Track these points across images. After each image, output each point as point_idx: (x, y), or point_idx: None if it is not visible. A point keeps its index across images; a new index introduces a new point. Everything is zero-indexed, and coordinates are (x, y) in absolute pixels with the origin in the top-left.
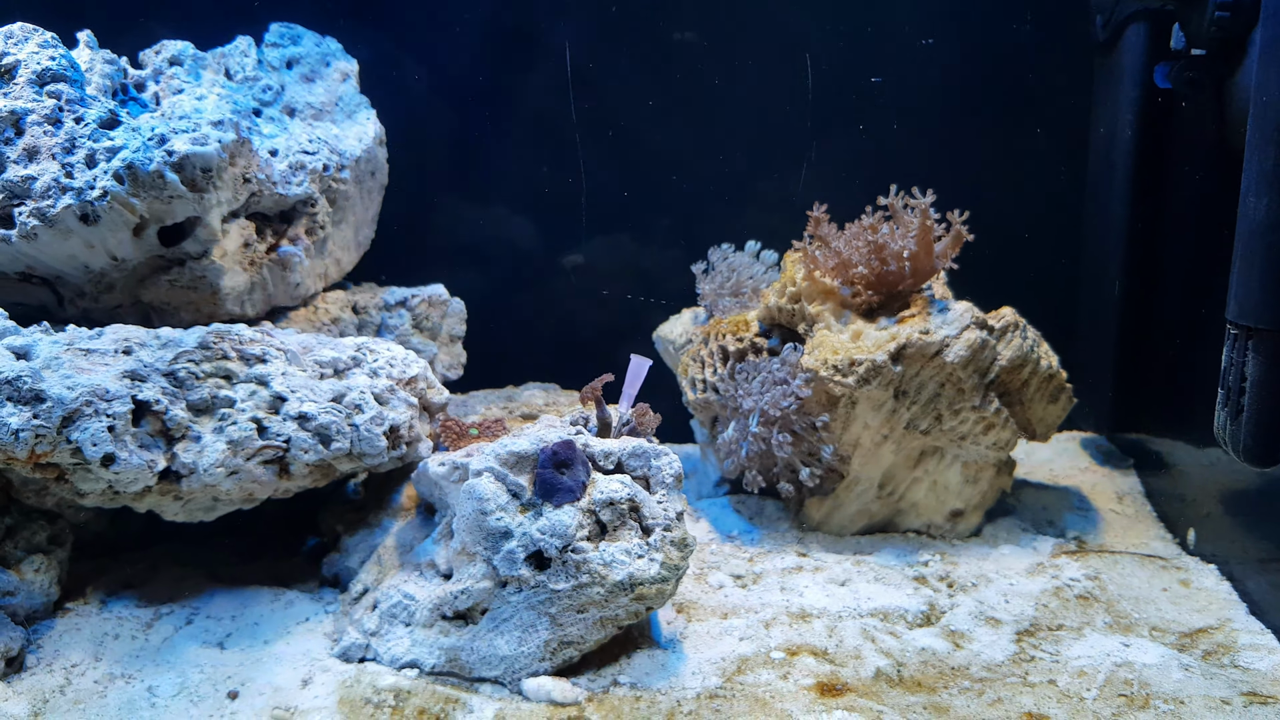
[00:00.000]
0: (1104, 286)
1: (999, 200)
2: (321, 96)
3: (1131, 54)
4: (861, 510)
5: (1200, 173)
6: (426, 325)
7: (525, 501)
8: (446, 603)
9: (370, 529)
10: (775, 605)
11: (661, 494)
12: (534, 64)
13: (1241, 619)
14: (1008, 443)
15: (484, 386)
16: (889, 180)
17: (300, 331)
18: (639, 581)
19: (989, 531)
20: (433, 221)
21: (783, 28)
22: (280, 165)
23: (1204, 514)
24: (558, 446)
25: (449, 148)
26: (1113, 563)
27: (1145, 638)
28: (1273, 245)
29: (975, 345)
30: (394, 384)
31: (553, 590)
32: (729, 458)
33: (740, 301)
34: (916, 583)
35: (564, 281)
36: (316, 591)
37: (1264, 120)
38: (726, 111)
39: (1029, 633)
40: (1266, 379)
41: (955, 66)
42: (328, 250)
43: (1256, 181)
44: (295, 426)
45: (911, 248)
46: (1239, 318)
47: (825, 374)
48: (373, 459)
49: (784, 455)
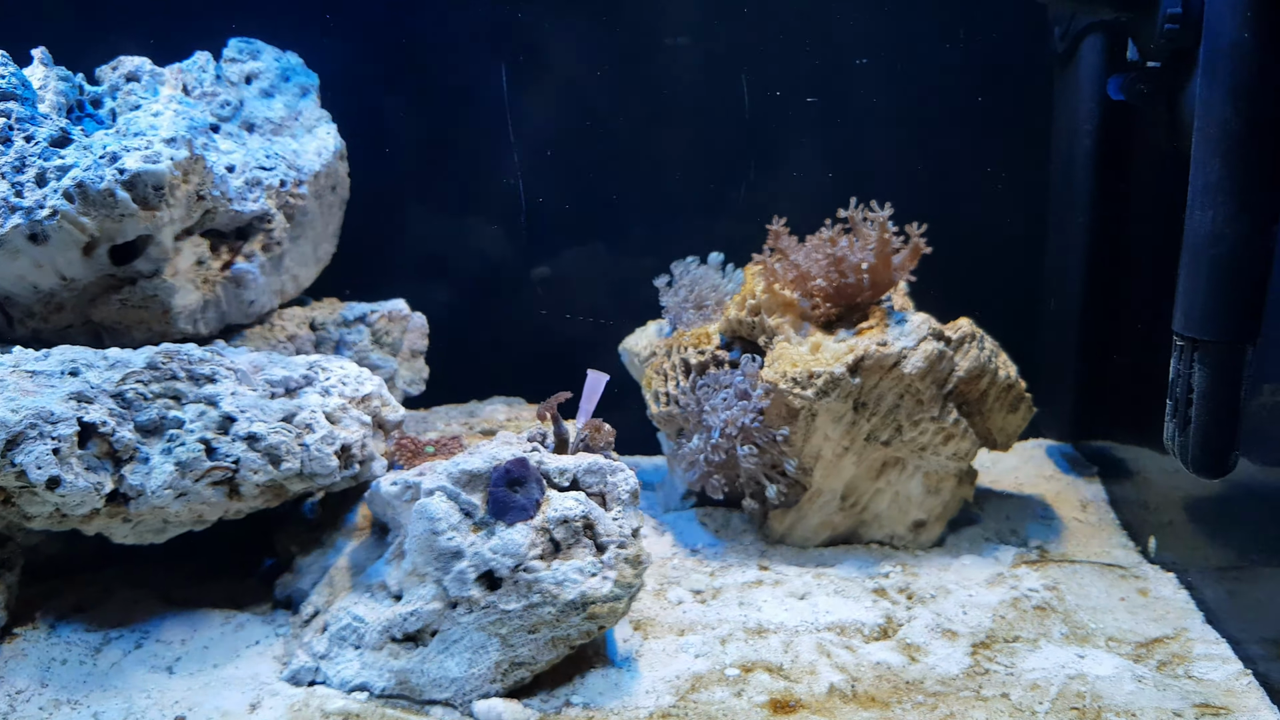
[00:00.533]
0: (1067, 295)
1: (962, 212)
2: (281, 111)
3: (1089, 66)
4: (824, 522)
5: (1157, 183)
6: (386, 341)
7: (478, 520)
8: (396, 624)
9: (324, 549)
10: (733, 621)
11: (617, 510)
12: (498, 76)
13: (1198, 628)
14: (968, 453)
15: (449, 401)
16: (853, 193)
17: (256, 350)
18: (591, 600)
19: (952, 541)
20: (399, 235)
21: (749, 39)
22: (236, 181)
23: (1165, 522)
24: (511, 464)
25: (413, 161)
26: (1072, 572)
27: (1101, 648)
28: (1216, 257)
29: (932, 356)
30: (346, 402)
31: (503, 611)
32: (691, 469)
33: (703, 314)
34: (876, 595)
35: (531, 294)
36: (269, 614)
37: (1207, 133)
38: (696, 122)
39: (985, 645)
40: (1213, 390)
41: (917, 79)
42: (285, 266)
43: (1201, 194)
44: (244, 447)
45: (870, 260)
46: (1185, 329)
47: (784, 386)
48: (324, 479)
49: (749, 468)
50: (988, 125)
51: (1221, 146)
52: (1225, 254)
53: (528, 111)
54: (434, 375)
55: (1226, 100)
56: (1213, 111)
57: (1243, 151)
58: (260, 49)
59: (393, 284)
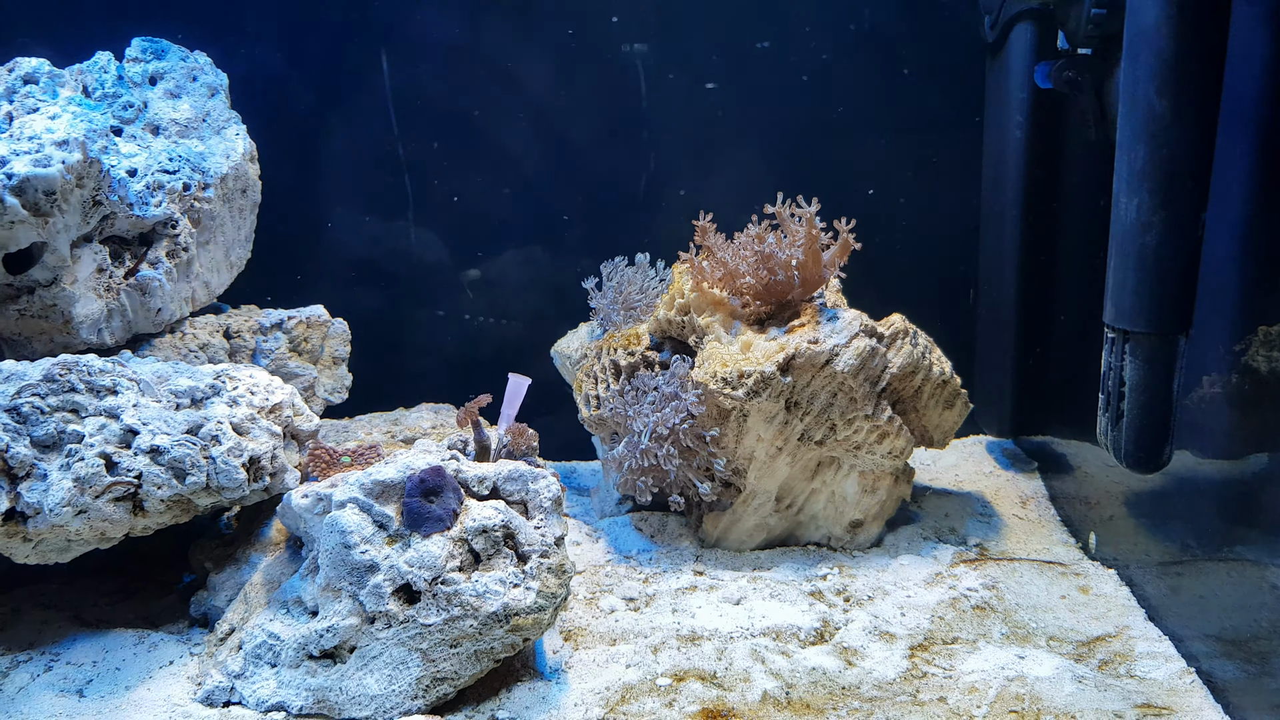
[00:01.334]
0: (1001, 288)
1: (894, 206)
2: (188, 113)
3: (1018, 54)
4: (760, 524)
5: (1088, 174)
6: (305, 348)
7: (392, 533)
8: (312, 641)
9: (238, 565)
10: (666, 628)
11: (539, 519)
12: (423, 73)
13: (1139, 625)
14: (903, 451)
15: (376, 410)
16: (784, 188)
17: (165, 360)
18: (514, 612)
19: (890, 541)
20: (323, 239)
21: (677, 32)
22: (137, 186)
23: (1106, 517)
24: (426, 474)
25: (334, 162)
26: (1012, 570)
27: (1042, 648)
28: (1145, 246)
29: (864, 353)
30: (256, 412)
31: (423, 625)
32: (618, 473)
33: (633, 315)
34: (812, 598)
35: (461, 297)
36: (185, 632)
37: (1131, 118)
38: (628, 120)
39: (923, 647)
40: (1145, 383)
41: (845, 72)
42: (194, 273)
43: (1128, 181)
44: (147, 461)
45: (799, 257)
46: (1115, 321)
47: (715, 387)
48: (232, 493)
49: (670, 469)
50: (919, 117)
51: (1146, 131)
52: (1153, 243)
53: (455, 110)
54: (359, 383)
55: (1150, 82)
56: (1137, 95)
57: (1168, 136)
58: (166, 48)
59: (317, 289)
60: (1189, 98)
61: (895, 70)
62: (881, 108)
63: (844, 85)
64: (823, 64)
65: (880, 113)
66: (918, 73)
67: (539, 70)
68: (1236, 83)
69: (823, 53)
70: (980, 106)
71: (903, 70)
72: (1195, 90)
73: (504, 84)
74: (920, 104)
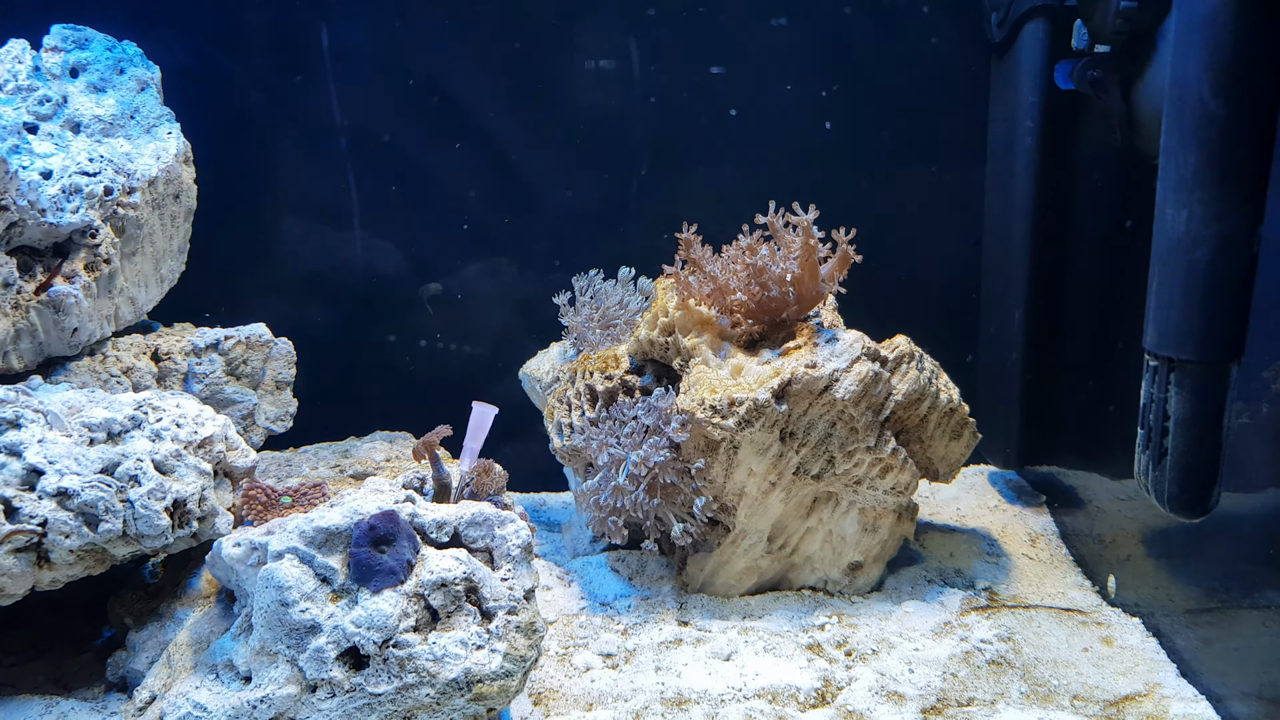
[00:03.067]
0: (1008, 309)
1: (895, 219)
2: (113, 109)
3: (1030, 54)
4: (750, 567)
5: (1107, 183)
6: (244, 371)
7: (337, 588)
8: (244, 713)
9: (162, 622)
10: (649, 690)
11: (507, 569)
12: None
13: (1172, 682)
14: (907, 486)
15: (324, 439)
16: (775, 197)
17: (81, 386)
18: (477, 678)
19: (891, 585)
20: (267, 252)
21: (660, 39)
22: (52, 189)
23: (1124, 557)
24: (376, 519)
25: (280, 165)
26: (1028, 620)
27: (1067, 709)
28: (1195, 263)
29: (867, 379)
30: (182, 447)
31: (372, 694)
32: (588, 511)
33: (611, 334)
34: (811, 652)
35: (421, 313)
36: (101, 698)
37: (1180, 120)
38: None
39: (936, 709)
40: (1194, 417)
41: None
42: (117, 287)
43: (1175, 191)
44: (54, 505)
45: (794, 270)
46: (1158, 348)
47: (702, 416)
48: (153, 541)
49: (641, 515)
50: (920, 123)
51: (1199, 134)
52: (1205, 260)
53: (415, 112)
54: (307, 409)
55: (1204, 79)
56: (1187, 94)
57: (1223, 139)
58: (89, 37)
59: (262, 307)
60: (1248, 96)
61: (893, 72)
62: (877, 113)
63: (837, 87)
64: (813, 67)
65: (875, 119)
66: (917, 75)
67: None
68: None
69: (813, 56)
70: (984, 110)
71: (901, 72)
72: (1256, 88)
73: (470, 83)
74: (919, 108)
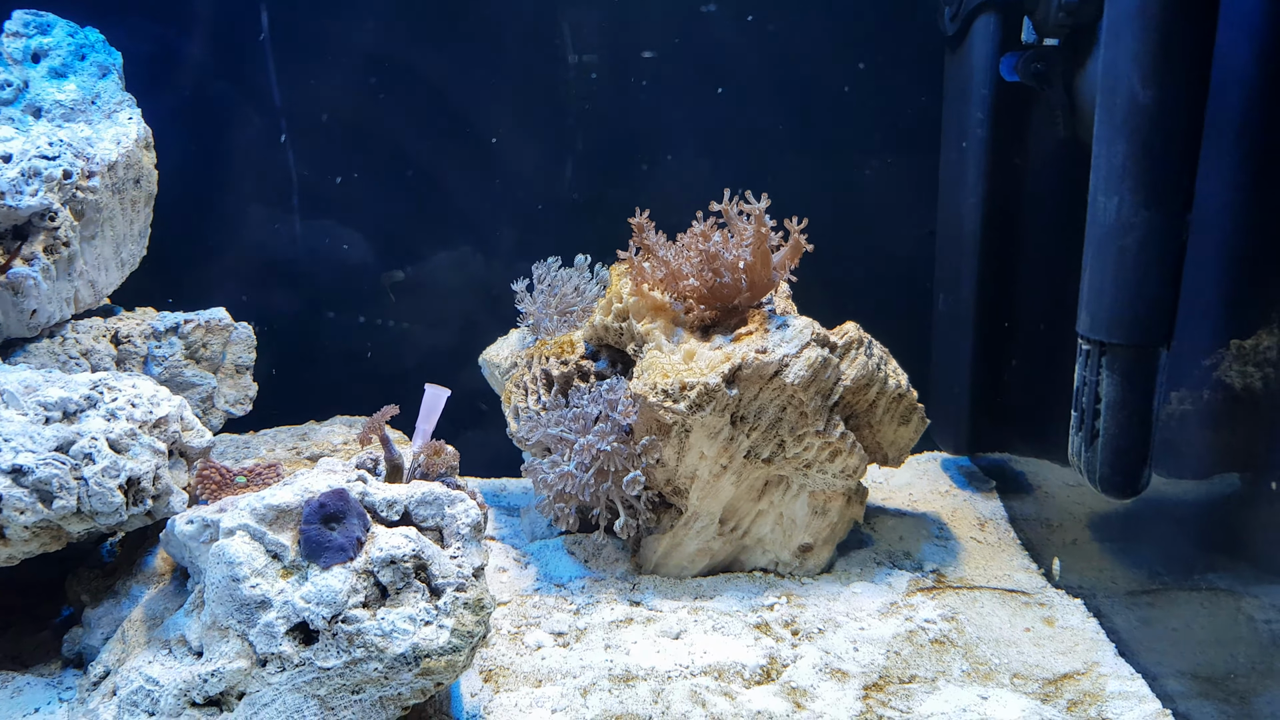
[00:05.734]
0: (959, 296)
1: (847, 208)
2: (74, 94)
3: (981, 48)
4: (702, 549)
5: (1053, 173)
6: (204, 355)
7: (288, 564)
8: (196, 687)
9: (117, 599)
10: (597, 667)
11: (456, 547)
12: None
13: (1110, 661)
14: (856, 469)
15: (285, 423)
16: (730, 186)
17: (39, 367)
18: (425, 653)
19: (841, 566)
20: (227, 235)
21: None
22: (11, 173)
23: (1069, 541)
24: (326, 498)
25: (241, 151)
26: (972, 600)
27: (1006, 687)
28: (1125, 249)
29: (816, 364)
30: (136, 427)
31: (321, 668)
32: (541, 493)
33: (568, 320)
34: (759, 630)
35: (382, 299)
36: (56, 674)
37: (1111, 109)
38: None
39: (878, 686)
40: (1123, 400)
41: (796, 66)
42: (77, 270)
43: (1106, 179)
44: (9, 482)
45: (747, 258)
46: (1090, 331)
47: (654, 400)
48: (107, 518)
49: (587, 498)
50: (873, 113)
51: (1128, 123)
52: (1134, 246)
53: (378, 98)
54: (268, 394)
55: (1133, 70)
56: (1118, 84)
57: (1152, 129)
58: (51, 22)
59: (224, 290)
60: (1176, 87)
61: (848, 64)
62: (833, 104)
63: (793, 79)
64: (770, 57)
65: (831, 109)
66: (872, 67)
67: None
68: (1220, 72)
69: (770, 45)
70: (937, 102)
71: (857, 64)
72: (1183, 79)
73: (430, 71)
74: (874, 100)
